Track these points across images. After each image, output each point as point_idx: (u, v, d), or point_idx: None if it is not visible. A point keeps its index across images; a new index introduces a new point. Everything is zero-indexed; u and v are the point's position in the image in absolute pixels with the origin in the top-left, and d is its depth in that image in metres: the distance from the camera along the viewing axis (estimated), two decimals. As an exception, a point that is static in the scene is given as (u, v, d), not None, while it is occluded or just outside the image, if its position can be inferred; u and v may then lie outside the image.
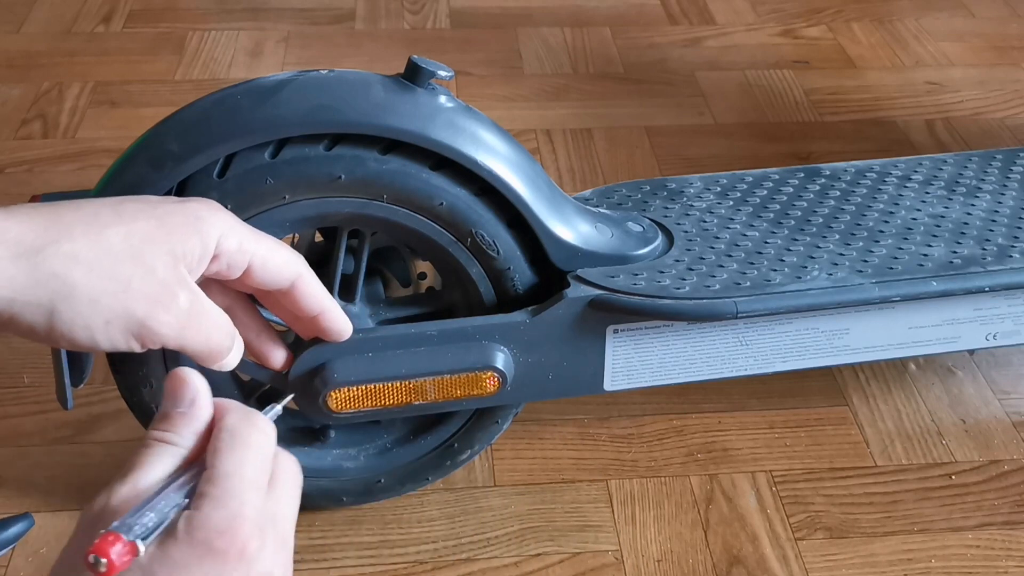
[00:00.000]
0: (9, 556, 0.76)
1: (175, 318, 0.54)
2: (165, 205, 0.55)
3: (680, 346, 0.77)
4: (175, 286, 0.54)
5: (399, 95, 0.68)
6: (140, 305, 0.53)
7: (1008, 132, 1.31)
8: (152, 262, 0.53)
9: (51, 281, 0.50)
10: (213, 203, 0.58)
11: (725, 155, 1.25)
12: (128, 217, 0.53)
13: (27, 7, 1.51)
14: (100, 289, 0.51)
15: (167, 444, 0.49)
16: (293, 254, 0.61)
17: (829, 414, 0.91)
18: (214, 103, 0.67)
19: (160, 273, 0.53)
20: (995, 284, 0.77)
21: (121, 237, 0.52)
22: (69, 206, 0.53)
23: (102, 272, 0.51)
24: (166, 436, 0.49)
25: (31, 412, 0.88)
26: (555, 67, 1.42)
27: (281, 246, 0.61)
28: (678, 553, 0.79)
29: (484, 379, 0.72)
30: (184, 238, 0.54)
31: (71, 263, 0.51)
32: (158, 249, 0.53)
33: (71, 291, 0.51)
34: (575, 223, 0.73)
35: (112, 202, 0.55)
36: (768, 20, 1.56)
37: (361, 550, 0.79)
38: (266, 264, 0.59)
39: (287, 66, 1.40)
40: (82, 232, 0.52)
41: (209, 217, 0.56)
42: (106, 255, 0.52)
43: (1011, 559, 0.79)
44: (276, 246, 0.60)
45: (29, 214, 0.52)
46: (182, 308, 0.54)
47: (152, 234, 0.53)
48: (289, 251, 0.61)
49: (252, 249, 0.58)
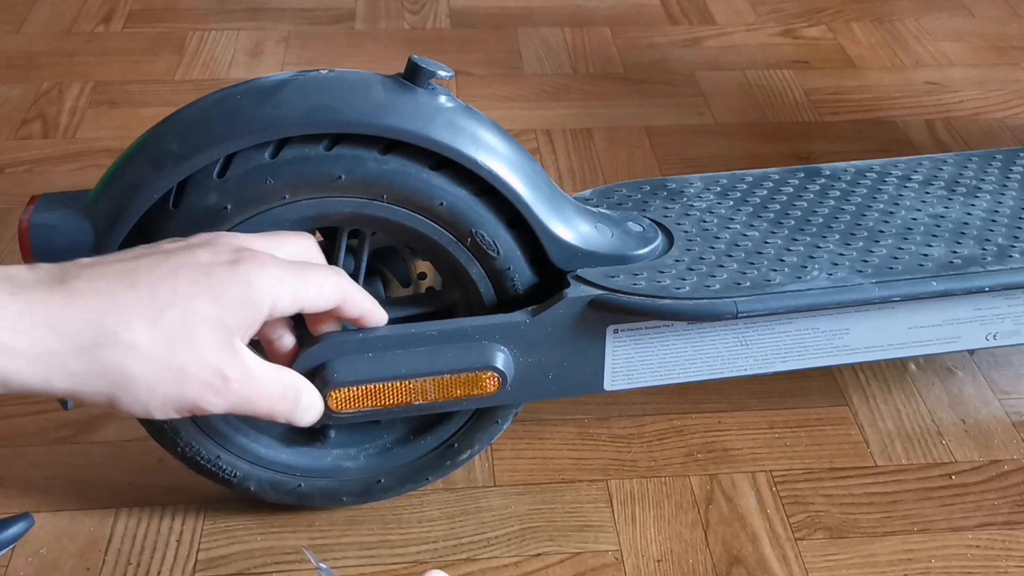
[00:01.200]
0: (9, 556, 0.76)
1: (224, 399, 0.57)
2: (218, 273, 0.57)
3: (680, 346, 0.77)
4: (226, 367, 0.57)
5: (399, 95, 0.68)
6: (193, 390, 0.56)
7: (1008, 132, 1.31)
8: (205, 347, 0.55)
9: (111, 374, 0.53)
10: (262, 260, 0.59)
11: (725, 155, 1.25)
12: (184, 295, 0.55)
13: (27, 7, 1.51)
14: (156, 379, 0.54)
15: None
16: (335, 279, 0.63)
17: (829, 414, 0.91)
18: (214, 103, 0.67)
19: (213, 358, 0.56)
20: (995, 284, 0.77)
21: (177, 320, 0.54)
22: (125, 281, 0.54)
23: (159, 363, 0.54)
24: None
25: (31, 412, 0.88)
26: (555, 67, 1.42)
27: (325, 276, 0.62)
28: (678, 553, 0.79)
29: (484, 379, 0.72)
30: (238, 312, 0.57)
31: (130, 355, 0.53)
32: (212, 327, 0.56)
33: (129, 382, 0.54)
34: (575, 223, 0.73)
35: (167, 273, 0.56)
36: (768, 20, 1.56)
37: (361, 550, 0.79)
38: (316, 303, 0.62)
39: (287, 66, 1.40)
40: (139, 318, 0.53)
41: (259, 282, 0.58)
42: (163, 343, 0.54)
43: (1011, 559, 0.79)
44: (321, 280, 0.62)
45: (85, 296, 0.53)
46: (232, 388, 0.57)
47: (207, 312, 0.55)
48: (332, 278, 0.63)
49: (302, 298, 0.60)
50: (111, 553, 0.78)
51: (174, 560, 0.77)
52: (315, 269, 0.62)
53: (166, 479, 0.82)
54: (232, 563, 0.77)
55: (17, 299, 0.51)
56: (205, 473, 0.76)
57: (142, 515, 0.80)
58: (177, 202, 0.67)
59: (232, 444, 0.75)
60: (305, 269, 0.61)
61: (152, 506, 0.81)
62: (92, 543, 0.78)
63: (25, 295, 0.51)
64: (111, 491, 0.82)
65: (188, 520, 0.80)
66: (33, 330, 0.51)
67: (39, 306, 0.51)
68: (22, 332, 0.50)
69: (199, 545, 0.78)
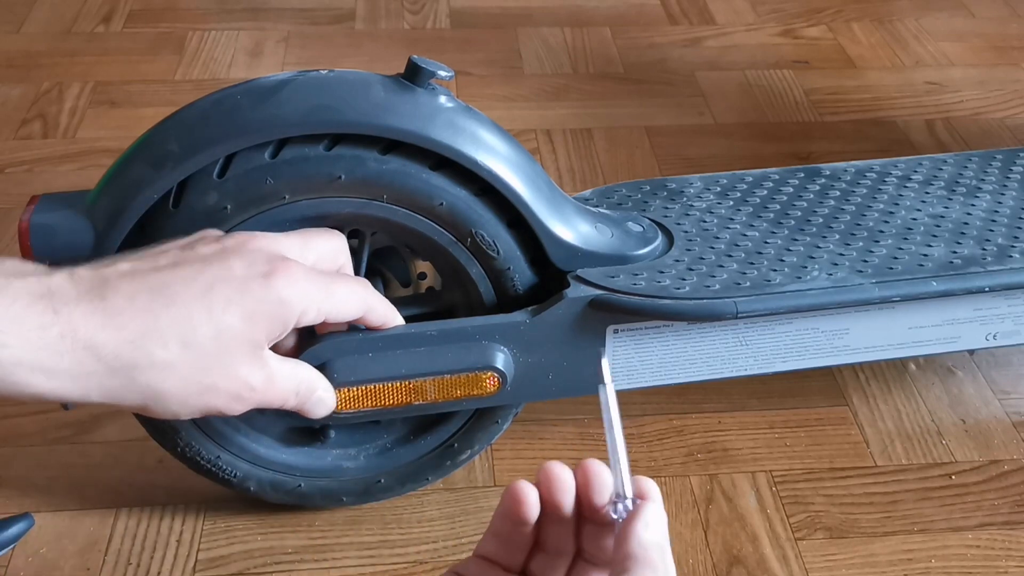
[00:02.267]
0: (9, 556, 0.76)
1: (246, 404, 0.61)
2: (252, 290, 0.59)
3: (680, 346, 0.77)
4: (253, 379, 0.60)
5: (399, 95, 0.68)
6: (222, 400, 0.59)
7: (1008, 132, 1.31)
8: (236, 363, 0.59)
9: (145, 391, 0.56)
10: (294, 273, 0.61)
11: (725, 155, 1.25)
12: (218, 311, 0.58)
13: (27, 7, 1.51)
14: (188, 392, 0.58)
15: None
16: (360, 292, 0.66)
17: (829, 414, 0.91)
18: (214, 103, 0.67)
19: (243, 373, 0.59)
20: (995, 284, 0.77)
21: (211, 338, 0.57)
22: (162, 300, 0.57)
23: (191, 380, 0.57)
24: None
25: (31, 412, 0.88)
26: (555, 67, 1.42)
27: (350, 289, 0.65)
28: (678, 553, 0.79)
29: (484, 379, 0.72)
30: (269, 327, 0.60)
31: (164, 374, 0.56)
32: (242, 343, 0.59)
33: (162, 396, 0.57)
34: (575, 223, 0.73)
35: (202, 290, 0.58)
36: (768, 20, 1.56)
37: (361, 550, 0.79)
38: (339, 316, 0.64)
39: (287, 66, 1.40)
40: (175, 337, 0.56)
41: (291, 298, 0.60)
42: (196, 361, 0.57)
43: (1011, 559, 0.79)
44: (347, 294, 0.64)
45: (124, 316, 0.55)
46: (255, 396, 0.61)
47: (239, 330, 0.58)
48: (357, 291, 0.65)
49: (327, 311, 0.63)
50: (111, 553, 0.78)
51: (174, 560, 0.77)
52: (341, 283, 0.64)
53: (166, 479, 0.82)
54: (232, 563, 0.77)
55: (59, 319, 0.53)
56: (205, 473, 0.76)
57: (142, 515, 0.80)
58: (177, 202, 0.67)
59: (232, 444, 0.75)
60: (332, 283, 0.63)
61: (152, 506, 0.81)
62: (92, 543, 0.78)
63: (66, 314, 0.54)
64: (111, 491, 0.82)
65: (188, 520, 0.80)
66: (73, 353, 0.54)
67: (80, 329, 0.54)
68: (63, 353, 0.53)
69: (199, 545, 0.78)
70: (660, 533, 0.50)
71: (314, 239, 0.66)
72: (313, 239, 0.66)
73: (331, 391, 0.67)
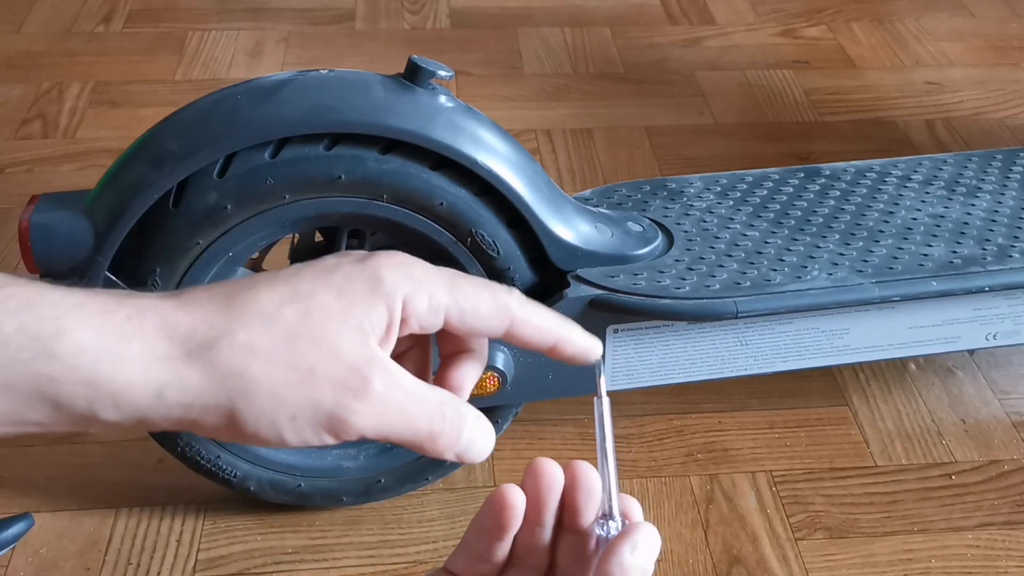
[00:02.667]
0: (9, 556, 0.76)
1: (369, 406, 0.47)
2: (343, 268, 0.49)
3: (680, 346, 0.76)
4: (365, 368, 0.47)
5: (399, 95, 0.68)
6: (327, 394, 0.46)
7: (1008, 132, 1.31)
8: (336, 343, 0.46)
9: (227, 379, 0.45)
10: (397, 256, 0.50)
11: (725, 155, 1.25)
12: (306, 291, 0.47)
13: (27, 7, 1.51)
14: (281, 380, 0.46)
15: None
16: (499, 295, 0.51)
17: (829, 414, 0.91)
18: (214, 103, 0.67)
19: (347, 355, 0.46)
20: (995, 284, 0.77)
21: (299, 317, 0.47)
22: (241, 286, 0.48)
23: (281, 361, 0.46)
24: None
25: (31, 412, 0.88)
26: (555, 67, 1.42)
27: (483, 289, 0.50)
28: (678, 553, 0.79)
29: (484, 379, 0.72)
30: (368, 309, 0.47)
31: (247, 355, 0.46)
32: (341, 326, 0.47)
33: (250, 387, 0.46)
34: (575, 223, 0.73)
35: (286, 275, 0.48)
36: (768, 20, 1.56)
37: (361, 550, 0.79)
38: (464, 318, 0.50)
39: (287, 66, 1.40)
40: (257, 315, 0.46)
41: (390, 277, 0.48)
42: (284, 341, 0.46)
43: (1011, 559, 0.79)
44: (476, 293, 0.50)
45: (200, 303, 0.46)
46: (376, 392, 0.47)
47: (332, 308, 0.47)
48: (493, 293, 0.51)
49: (446, 304, 0.49)
50: (111, 553, 0.78)
51: (174, 560, 0.77)
52: (470, 278, 0.51)
53: (166, 479, 0.82)
54: (232, 563, 0.77)
55: (125, 305, 0.45)
56: (205, 473, 0.76)
57: (142, 515, 0.80)
58: (177, 202, 0.67)
59: (232, 444, 0.75)
60: (455, 276, 0.50)
61: (152, 506, 0.81)
62: (92, 543, 0.78)
63: (133, 301, 0.46)
64: (111, 491, 0.82)
65: (188, 520, 0.80)
66: (141, 335, 0.45)
67: (148, 312, 0.45)
68: (130, 337, 0.45)
69: (199, 545, 0.78)
70: (648, 559, 0.47)
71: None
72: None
73: (491, 429, 0.51)
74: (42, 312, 0.43)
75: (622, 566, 0.46)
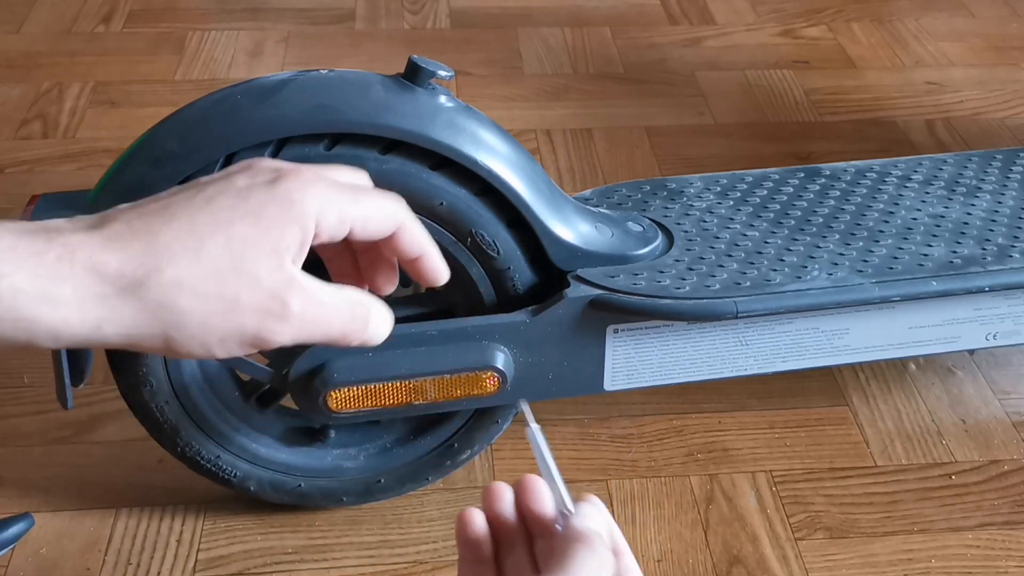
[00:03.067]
0: (9, 556, 0.76)
1: (288, 325, 0.52)
2: (257, 195, 0.52)
3: (680, 346, 0.77)
4: (283, 291, 0.52)
5: (399, 95, 0.68)
6: (251, 320, 0.51)
7: (1008, 132, 1.31)
8: (256, 270, 0.51)
9: (159, 311, 0.50)
10: (305, 176, 0.54)
11: (725, 155, 1.25)
12: (224, 221, 0.51)
13: (27, 7, 1.51)
14: (208, 310, 0.51)
15: None
16: (393, 202, 0.57)
17: (829, 414, 0.91)
18: (214, 103, 0.67)
19: (266, 281, 0.51)
20: (995, 284, 0.77)
21: (221, 248, 0.51)
22: (162, 217, 0.51)
23: (208, 294, 0.50)
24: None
25: (31, 412, 0.88)
26: (555, 67, 1.42)
27: (380, 197, 0.56)
28: (678, 553, 0.79)
29: (484, 379, 0.72)
30: (282, 231, 0.52)
31: (176, 291, 0.50)
32: (259, 252, 0.51)
33: (180, 319, 0.50)
34: (575, 223, 0.73)
35: (203, 202, 0.52)
36: (768, 20, 1.56)
37: (361, 550, 0.79)
38: (367, 226, 0.55)
39: (287, 66, 1.40)
40: (181, 251, 0.50)
41: (303, 199, 0.53)
42: (210, 274, 0.50)
43: (1011, 559, 0.79)
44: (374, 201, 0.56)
45: (124, 238, 0.50)
46: (295, 312, 0.52)
47: (250, 236, 0.51)
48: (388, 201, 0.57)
49: (352, 215, 0.54)
50: (111, 553, 0.78)
51: (174, 560, 0.77)
52: (367, 191, 0.57)
53: (166, 479, 0.82)
54: (232, 563, 0.77)
55: (54, 245, 0.48)
56: (205, 473, 0.76)
57: (142, 515, 0.80)
58: (177, 202, 0.67)
59: (232, 444, 0.75)
60: (356, 190, 0.56)
61: (152, 506, 0.81)
62: (92, 543, 0.78)
63: (61, 240, 0.49)
64: (111, 491, 0.82)
65: (188, 520, 0.80)
66: (73, 276, 0.48)
67: (77, 251, 0.49)
68: (63, 278, 0.48)
69: (199, 545, 0.78)
70: (595, 522, 0.52)
71: (331, 167, 0.58)
72: (330, 167, 0.58)
73: (387, 309, 0.57)
74: None
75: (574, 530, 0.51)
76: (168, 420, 0.73)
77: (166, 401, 0.72)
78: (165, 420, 0.73)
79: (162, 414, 0.73)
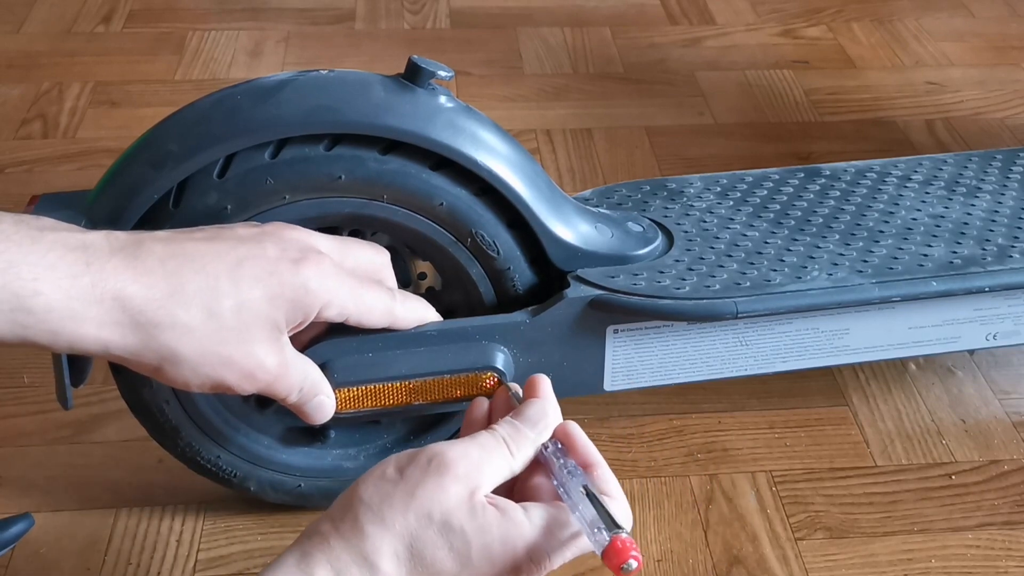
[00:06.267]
0: (9, 556, 0.76)
1: (256, 386, 0.61)
2: (280, 273, 0.60)
3: (680, 346, 0.77)
4: (268, 360, 0.61)
5: (399, 95, 0.68)
6: (233, 377, 0.60)
7: (1008, 132, 1.31)
8: (254, 341, 0.60)
9: (162, 350, 0.58)
10: (325, 266, 0.62)
11: (725, 155, 1.25)
12: (245, 287, 0.59)
13: (27, 7, 1.51)
14: (203, 361, 0.59)
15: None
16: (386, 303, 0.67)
17: (829, 414, 0.91)
18: (214, 103, 0.67)
19: (260, 353, 0.60)
20: (995, 284, 0.77)
21: (233, 312, 0.58)
22: (192, 267, 0.58)
23: (208, 349, 0.58)
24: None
25: (31, 412, 0.88)
26: (555, 67, 1.42)
27: (378, 298, 0.66)
28: (678, 553, 0.79)
29: (484, 379, 0.72)
30: (290, 312, 0.61)
31: (183, 337, 0.58)
32: (263, 325, 0.60)
33: (178, 358, 0.58)
34: (575, 223, 0.73)
35: (232, 263, 0.59)
36: (768, 20, 1.56)
37: (361, 550, 0.78)
38: (360, 321, 0.66)
39: (287, 66, 1.40)
40: (199, 305, 0.58)
41: (317, 289, 0.61)
42: (215, 331, 0.58)
43: (1011, 559, 0.79)
44: (373, 302, 0.65)
45: (154, 276, 0.57)
46: (267, 380, 0.61)
47: (261, 309, 0.59)
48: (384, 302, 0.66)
49: (351, 312, 0.64)
50: (111, 553, 0.78)
51: (174, 560, 0.77)
52: (371, 289, 0.65)
53: (166, 479, 0.82)
54: (232, 563, 0.77)
55: (91, 270, 0.55)
56: (205, 473, 0.76)
57: (142, 515, 0.80)
58: (177, 202, 0.67)
59: (232, 444, 0.75)
60: (361, 287, 0.64)
61: (152, 506, 0.81)
62: (92, 543, 0.78)
63: (98, 267, 0.56)
64: (111, 491, 0.82)
65: (188, 520, 0.80)
66: (100, 304, 0.55)
67: (110, 280, 0.56)
68: (92, 302, 0.55)
69: (199, 545, 0.78)
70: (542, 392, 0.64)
71: (353, 247, 0.67)
72: (352, 247, 0.67)
73: (332, 398, 0.67)
74: (21, 272, 0.53)
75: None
76: (168, 420, 0.73)
77: (166, 401, 0.72)
78: (165, 420, 0.73)
79: (162, 414, 0.73)
